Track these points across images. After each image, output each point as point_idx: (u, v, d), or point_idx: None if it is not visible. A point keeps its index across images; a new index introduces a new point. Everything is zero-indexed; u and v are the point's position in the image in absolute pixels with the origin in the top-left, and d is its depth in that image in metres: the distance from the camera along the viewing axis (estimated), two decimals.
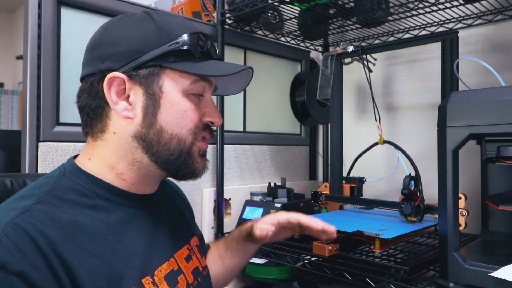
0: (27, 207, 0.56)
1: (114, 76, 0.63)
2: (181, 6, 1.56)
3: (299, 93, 1.69)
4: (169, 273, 0.67)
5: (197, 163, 0.69)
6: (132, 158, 0.65)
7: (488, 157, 0.80)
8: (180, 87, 0.65)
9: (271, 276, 1.35)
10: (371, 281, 0.94)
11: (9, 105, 2.84)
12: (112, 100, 0.63)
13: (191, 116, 0.66)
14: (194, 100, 0.67)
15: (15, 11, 3.89)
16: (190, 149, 0.67)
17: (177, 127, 0.65)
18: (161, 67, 0.64)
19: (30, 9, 1.05)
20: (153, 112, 0.64)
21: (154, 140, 0.64)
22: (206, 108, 0.69)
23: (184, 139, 0.65)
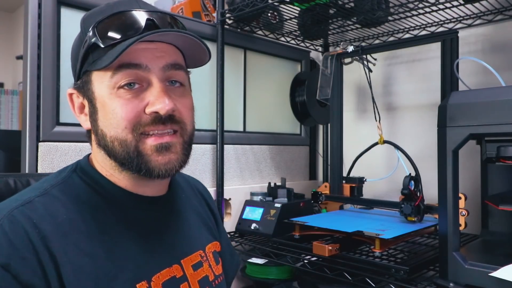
0: (30, 199, 0.57)
1: (70, 93, 0.66)
2: (181, 6, 1.56)
3: (299, 93, 1.69)
4: (168, 280, 0.64)
5: (152, 162, 0.61)
6: (109, 164, 0.64)
7: (488, 157, 0.80)
8: (106, 86, 0.60)
9: (271, 276, 1.35)
10: (371, 281, 0.94)
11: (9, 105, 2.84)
12: (76, 115, 0.67)
13: (121, 114, 0.59)
14: (125, 94, 0.60)
15: (15, 11, 3.89)
16: (137, 148, 0.60)
17: (112, 128, 0.60)
18: (88, 71, 0.62)
19: (30, 9, 1.05)
20: (94, 118, 0.63)
21: (104, 145, 0.63)
22: (148, 97, 0.60)
23: (123, 139, 0.60)
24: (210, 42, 1.45)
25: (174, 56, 0.64)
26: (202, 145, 1.42)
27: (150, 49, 0.60)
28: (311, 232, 1.14)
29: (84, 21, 0.64)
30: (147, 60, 0.60)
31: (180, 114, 0.63)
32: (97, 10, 0.64)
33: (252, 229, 1.30)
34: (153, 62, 0.61)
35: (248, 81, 1.61)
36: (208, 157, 1.44)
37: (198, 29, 1.41)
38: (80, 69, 0.63)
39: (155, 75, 0.61)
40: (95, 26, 0.60)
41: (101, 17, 0.61)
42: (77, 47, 0.64)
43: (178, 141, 0.64)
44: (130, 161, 0.61)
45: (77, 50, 0.64)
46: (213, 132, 1.43)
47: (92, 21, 0.61)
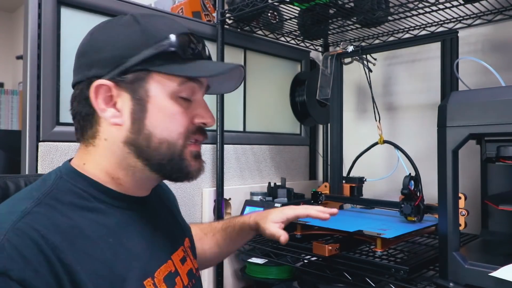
0: (27, 210, 0.56)
1: (100, 84, 0.62)
2: (181, 6, 1.56)
3: (299, 93, 1.69)
4: (167, 274, 0.67)
5: (191, 166, 0.67)
6: (126, 164, 0.65)
7: (488, 157, 0.80)
8: (168, 90, 0.63)
9: (271, 276, 1.35)
10: (371, 281, 0.94)
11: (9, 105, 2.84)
12: (99, 108, 0.63)
13: (180, 120, 0.65)
14: (183, 103, 0.65)
15: (15, 11, 3.89)
16: (182, 153, 0.65)
17: (167, 131, 0.64)
18: (147, 71, 0.63)
19: (30, 9, 1.05)
20: (140, 117, 0.63)
21: (144, 146, 0.63)
22: (197, 110, 0.68)
23: (174, 143, 0.64)
24: (210, 42, 1.45)
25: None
26: (202, 145, 1.42)
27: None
28: (312, 231, 1.14)
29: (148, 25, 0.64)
30: (204, 79, 0.69)
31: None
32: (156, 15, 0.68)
33: None
34: (204, 81, 0.69)
35: (248, 81, 1.61)
36: (208, 157, 1.44)
37: (198, 29, 1.41)
38: (133, 65, 0.62)
39: (202, 92, 0.70)
40: (177, 35, 0.63)
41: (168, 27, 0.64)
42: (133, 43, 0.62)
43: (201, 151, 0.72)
44: (170, 163, 0.65)
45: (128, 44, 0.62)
46: (213, 132, 1.43)
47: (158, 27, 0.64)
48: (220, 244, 0.97)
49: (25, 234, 0.52)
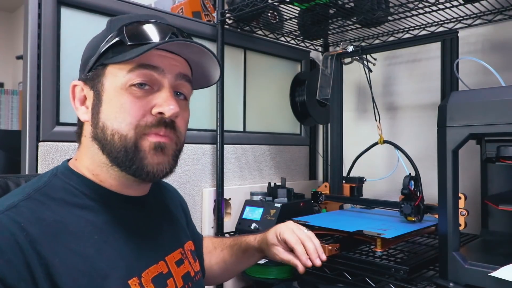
0: (14, 203, 0.57)
1: (74, 84, 0.68)
2: (181, 6, 1.56)
3: (299, 93, 1.69)
4: (157, 275, 0.67)
5: (146, 159, 0.63)
6: (98, 160, 0.66)
7: (488, 157, 0.80)
8: (119, 81, 0.63)
9: (271, 276, 1.35)
10: (371, 281, 0.94)
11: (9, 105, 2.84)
12: (75, 107, 0.68)
13: (129, 109, 0.62)
14: (137, 92, 0.63)
15: (15, 11, 3.89)
16: (137, 144, 0.62)
17: (116, 121, 0.63)
18: (103, 65, 0.65)
19: (30, 9, 1.05)
20: (97, 110, 0.65)
21: (102, 138, 0.64)
22: (157, 99, 0.64)
23: (125, 134, 0.62)
24: (210, 42, 1.45)
25: (186, 69, 0.69)
26: (202, 145, 1.42)
27: (168, 57, 0.66)
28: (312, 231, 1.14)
29: (112, 22, 0.68)
30: (164, 65, 0.64)
31: (179, 123, 0.67)
32: (127, 16, 0.70)
33: (252, 229, 1.31)
34: (168, 67, 0.65)
35: (248, 81, 1.61)
36: (208, 157, 1.44)
37: (198, 29, 1.41)
38: (94, 62, 0.65)
39: (167, 80, 0.65)
40: (124, 25, 0.64)
41: (129, 20, 0.66)
42: (97, 42, 0.66)
43: (172, 147, 0.67)
44: (125, 155, 0.62)
45: (96, 44, 0.66)
46: (213, 132, 1.43)
47: (120, 22, 0.66)
48: (226, 260, 0.95)
49: (4, 225, 0.54)
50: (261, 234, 0.92)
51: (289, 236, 0.84)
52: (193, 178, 1.39)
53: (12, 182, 0.77)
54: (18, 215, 0.55)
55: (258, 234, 0.92)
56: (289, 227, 0.87)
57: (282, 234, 0.85)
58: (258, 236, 0.92)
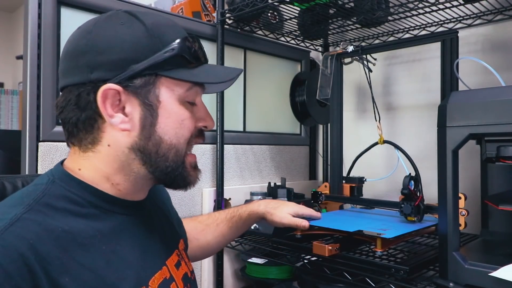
0: (16, 216, 0.53)
1: (108, 88, 0.59)
2: (181, 6, 1.56)
3: (299, 93, 1.69)
4: (162, 282, 0.66)
5: (191, 176, 0.68)
6: (129, 170, 0.63)
7: (488, 157, 0.80)
8: (176, 95, 0.63)
9: (271, 276, 1.35)
10: (371, 281, 0.94)
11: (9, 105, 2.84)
12: (107, 114, 0.60)
13: (188, 125, 0.65)
14: (189, 107, 0.65)
15: (15, 11, 3.89)
16: (184, 161, 0.66)
17: (176, 137, 0.63)
18: (156, 75, 0.61)
19: (30, 9, 1.05)
20: (151, 123, 0.62)
21: (153, 152, 0.62)
22: (199, 113, 0.68)
23: (181, 149, 0.64)
24: (210, 42, 1.45)
25: None
26: (202, 145, 1.42)
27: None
28: (312, 231, 1.14)
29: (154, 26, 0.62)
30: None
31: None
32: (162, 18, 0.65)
33: (252, 229, 1.30)
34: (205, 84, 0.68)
35: (248, 81, 1.61)
36: (208, 157, 1.44)
37: (198, 29, 1.41)
38: (143, 69, 0.60)
39: (201, 95, 0.69)
40: (184, 39, 0.63)
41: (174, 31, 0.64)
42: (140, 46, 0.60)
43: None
44: (174, 169, 0.65)
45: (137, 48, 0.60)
46: (213, 132, 1.43)
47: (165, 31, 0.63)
48: (225, 233, 1.00)
49: (11, 245, 0.50)
50: (265, 201, 1.04)
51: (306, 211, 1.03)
52: None
53: (9, 182, 0.76)
54: (25, 230, 0.52)
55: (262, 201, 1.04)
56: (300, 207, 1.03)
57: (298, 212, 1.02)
58: (262, 204, 1.02)
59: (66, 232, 0.55)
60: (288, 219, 0.99)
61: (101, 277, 0.56)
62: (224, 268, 1.42)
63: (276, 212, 0.99)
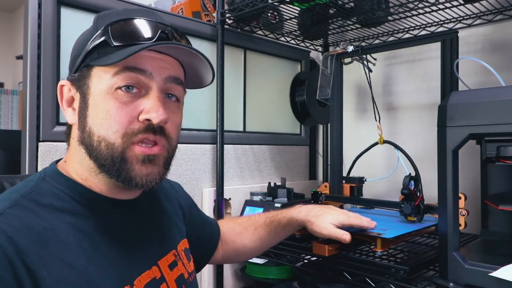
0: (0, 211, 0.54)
1: (61, 84, 0.65)
2: (181, 6, 1.56)
3: (299, 93, 1.69)
4: (150, 282, 0.65)
5: (133, 171, 0.60)
6: (86, 165, 0.63)
7: (488, 157, 0.80)
8: (105, 84, 0.60)
9: (271, 276, 1.35)
10: (371, 281, 0.94)
11: (9, 105, 2.84)
12: (62, 108, 0.65)
13: (115, 116, 0.59)
14: (121, 97, 0.59)
15: (15, 11, 3.89)
16: (124, 155, 0.60)
17: (102, 128, 0.60)
18: (89, 66, 0.62)
19: (30, 9, 1.05)
20: (84, 114, 0.62)
21: (89, 143, 0.61)
22: (144, 104, 0.61)
23: (112, 142, 0.59)
24: (210, 42, 1.45)
25: (177, 71, 0.65)
26: (202, 145, 1.42)
27: (157, 58, 0.62)
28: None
29: (98, 18, 0.64)
30: (152, 67, 0.61)
31: (169, 128, 0.64)
32: (114, 12, 0.65)
33: None
34: (157, 70, 0.61)
35: (248, 81, 1.61)
36: (208, 157, 1.44)
37: (198, 29, 1.41)
38: (81, 62, 0.62)
39: (156, 83, 0.61)
40: (109, 24, 0.60)
41: (116, 18, 0.62)
42: (84, 40, 0.63)
43: (163, 155, 0.64)
44: (111, 164, 0.60)
45: (83, 43, 0.63)
46: (213, 132, 1.43)
47: (106, 20, 0.62)
48: (263, 238, 0.97)
49: None
50: (307, 207, 0.95)
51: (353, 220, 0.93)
52: (193, 178, 1.39)
53: (8, 182, 0.76)
54: (5, 224, 0.53)
55: (303, 207, 0.96)
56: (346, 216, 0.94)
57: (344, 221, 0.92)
58: (303, 210, 0.94)
59: (47, 230, 0.56)
60: (328, 230, 0.89)
61: (81, 274, 0.56)
62: (224, 268, 1.42)
63: (317, 222, 0.91)
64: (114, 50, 0.59)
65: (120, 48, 0.59)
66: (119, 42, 0.59)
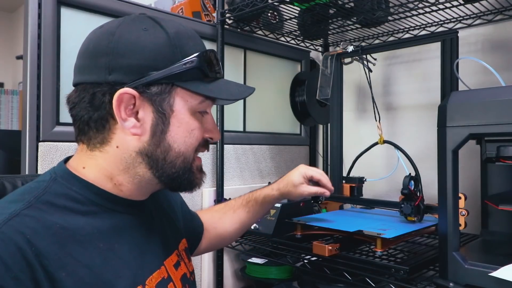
0: (16, 212, 0.54)
1: (125, 92, 0.60)
2: (181, 6, 1.56)
3: (299, 93, 1.69)
4: (160, 282, 0.66)
5: (197, 179, 0.70)
6: (134, 172, 0.64)
7: (488, 157, 0.80)
8: (189, 106, 0.65)
9: (271, 276, 1.35)
10: (371, 281, 0.94)
11: (9, 105, 2.84)
12: (121, 117, 0.61)
13: (197, 135, 0.66)
14: (199, 118, 0.67)
15: (15, 11, 3.89)
16: (191, 166, 0.67)
17: (184, 145, 0.65)
18: (172, 85, 0.63)
19: (30, 9, 1.05)
20: (162, 130, 0.63)
21: (161, 158, 0.64)
22: (207, 124, 0.69)
23: (188, 157, 0.66)
24: (210, 42, 1.45)
25: None
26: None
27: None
28: (312, 231, 1.14)
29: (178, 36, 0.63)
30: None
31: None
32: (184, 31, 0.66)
33: (252, 229, 1.30)
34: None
35: (248, 81, 1.61)
36: (208, 157, 1.44)
37: (198, 29, 1.41)
38: (159, 78, 0.61)
39: (210, 108, 0.71)
40: (203, 53, 0.64)
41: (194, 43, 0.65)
42: (160, 55, 0.61)
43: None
44: (181, 175, 0.66)
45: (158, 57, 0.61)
46: None
47: (186, 42, 0.64)
48: (242, 219, 1.02)
49: (9, 238, 0.51)
50: (277, 182, 1.03)
51: (313, 172, 1.02)
52: None
53: (9, 182, 0.76)
54: (23, 225, 0.53)
55: (274, 184, 1.04)
56: (306, 167, 1.03)
57: (306, 173, 1.01)
58: (275, 185, 1.03)
59: (63, 229, 0.56)
60: (307, 191, 1.01)
61: (97, 274, 0.57)
62: (224, 268, 1.42)
63: (292, 190, 1.00)
64: (205, 79, 0.65)
65: (211, 81, 0.66)
66: (212, 75, 0.66)
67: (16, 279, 0.50)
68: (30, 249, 0.52)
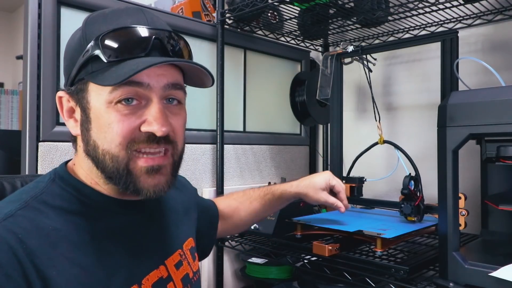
0: (11, 212, 0.55)
1: (59, 96, 0.64)
2: (181, 6, 1.56)
3: (299, 93, 1.69)
4: (157, 281, 0.66)
5: (140, 182, 0.61)
6: (95, 172, 0.63)
7: (488, 157, 0.80)
8: (104, 98, 0.59)
9: (271, 276, 1.35)
10: (371, 281, 0.94)
11: (9, 105, 2.84)
12: (64, 119, 0.65)
13: (117, 129, 0.58)
14: (122, 110, 0.59)
15: (15, 11, 3.89)
16: (129, 167, 0.60)
17: (106, 141, 0.59)
18: (84, 80, 0.60)
19: (30, 9, 1.05)
20: (87, 127, 0.61)
21: (94, 156, 0.61)
22: (146, 115, 0.60)
23: (116, 155, 0.59)
24: (210, 42, 1.45)
25: (175, 76, 0.63)
26: (202, 145, 1.42)
27: (152, 68, 0.58)
28: (312, 231, 1.14)
29: (87, 25, 0.61)
30: (149, 78, 0.59)
31: (174, 134, 0.63)
32: (101, 16, 0.62)
33: (252, 229, 1.30)
34: (154, 80, 0.60)
35: (248, 81, 1.61)
36: (208, 157, 1.44)
37: (198, 29, 1.41)
38: (75, 75, 0.61)
39: (155, 94, 0.60)
40: (99, 37, 0.58)
41: (105, 27, 0.59)
42: (75, 51, 0.61)
43: (169, 162, 0.64)
44: (118, 177, 0.60)
45: (74, 53, 0.61)
46: (213, 132, 1.43)
47: (95, 28, 0.60)
48: (257, 210, 1.03)
49: (2, 238, 0.52)
50: (297, 181, 1.03)
51: (337, 183, 1.02)
52: (193, 178, 1.39)
53: (8, 183, 0.76)
54: (16, 225, 0.54)
55: (294, 182, 1.04)
56: (331, 175, 1.03)
57: (331, 181, 1.01)
58: (294, 183, 1.03)
59: (56, 230, 0.57)
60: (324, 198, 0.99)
61: (91, 274, 0.57)
62: (224, 268, 1.42)
63: (310, 192, 1.00)
64: (108, 66, 0.58)
65: (114, 64, 0.58)
66: (112, 58, 0.58)
67: (8, 276, 0.50)
68: (21, 247, 0.52)
